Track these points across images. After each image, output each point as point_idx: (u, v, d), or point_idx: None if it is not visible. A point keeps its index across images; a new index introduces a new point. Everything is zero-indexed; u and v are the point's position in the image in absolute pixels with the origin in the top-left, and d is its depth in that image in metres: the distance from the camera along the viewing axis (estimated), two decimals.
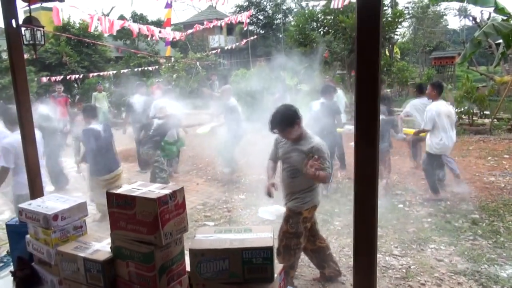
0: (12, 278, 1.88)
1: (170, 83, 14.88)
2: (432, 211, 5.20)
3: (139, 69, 16.88)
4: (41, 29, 2.77)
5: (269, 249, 1.31)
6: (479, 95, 11.04)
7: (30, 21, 2.65)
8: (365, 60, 1.13)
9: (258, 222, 5.16)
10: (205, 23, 12.26)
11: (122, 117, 12.81)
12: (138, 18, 22.40)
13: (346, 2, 11.61)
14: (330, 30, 13.60)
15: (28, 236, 1.81)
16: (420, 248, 4.27)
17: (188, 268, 1.44)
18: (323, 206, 5.54)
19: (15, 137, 3.81)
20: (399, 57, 20.00)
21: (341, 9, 12.28)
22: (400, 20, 13.85)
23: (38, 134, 3.97)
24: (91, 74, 15.09)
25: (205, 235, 1.44)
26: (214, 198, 6.18)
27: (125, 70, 16.29)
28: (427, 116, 5.58)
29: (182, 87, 14.57)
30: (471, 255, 4.07)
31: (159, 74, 16.10)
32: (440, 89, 5.87)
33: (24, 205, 1.79)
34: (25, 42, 2.61)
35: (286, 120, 3.21)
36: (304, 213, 3.31)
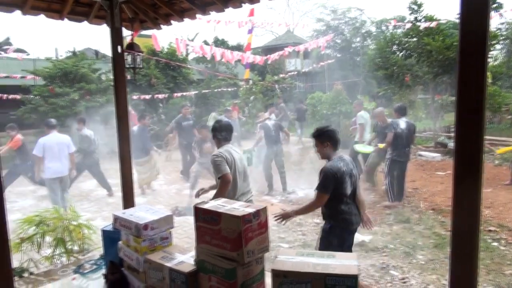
0: (104, 280, 2.04)
1: (247, 104, 15.35)
2: None
3: (219, 89, 17.72)
4: (141, 54, 3.06)
5: (354, 277, 1.26)
6: None
7: (132, 47, 2.95)
8: (468, 86, 1.07)
9: None
10: (284, 50, 12.45)
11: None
12: (220, 43, 23.58)
13: (433, 24, 11.15)
14: (413, 53, 13.04)
15: (120, 242, 1.95)
16: None
17: None
18: (404, 237, 5.21)
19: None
20: (490, 81, 18.43)
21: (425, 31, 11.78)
22: (493, 42, 12.84)
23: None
24: (175, 94, 16.18)
25: (287, 256, 1.43)
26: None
27: (206, 91, 17.21)
28: None
29: (259, 108, 14.96)
30: None
31: (238, 96, 16.72)
32: None
33: (118, 213, 1.95)
34: (127, 66, 2.90)
35: None
36: None
